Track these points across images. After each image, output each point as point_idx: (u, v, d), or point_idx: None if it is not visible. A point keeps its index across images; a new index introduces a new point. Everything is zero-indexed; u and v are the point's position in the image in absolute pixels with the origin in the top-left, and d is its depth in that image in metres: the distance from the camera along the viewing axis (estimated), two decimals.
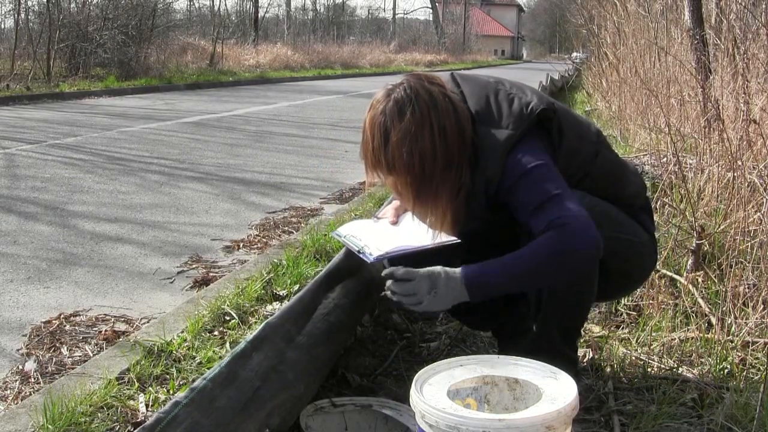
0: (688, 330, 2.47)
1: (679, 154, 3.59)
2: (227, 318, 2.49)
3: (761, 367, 2.23)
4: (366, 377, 2.23)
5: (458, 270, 1.72)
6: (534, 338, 1.91)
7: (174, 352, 2.21)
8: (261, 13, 29.53)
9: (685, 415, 1.94)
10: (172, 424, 1.36)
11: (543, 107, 1.79)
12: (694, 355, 2.33)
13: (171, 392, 1.97)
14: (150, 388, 1.98)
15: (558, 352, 1.85)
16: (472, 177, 1.78)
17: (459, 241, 1.87)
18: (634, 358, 2.32)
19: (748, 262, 2.63)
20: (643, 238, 1.98)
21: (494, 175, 1.76)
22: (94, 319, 2.79)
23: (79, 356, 2.44)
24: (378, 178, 1.80)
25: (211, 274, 3.37)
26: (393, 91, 1.75)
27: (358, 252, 2.03)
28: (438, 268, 1.73)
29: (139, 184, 5.38)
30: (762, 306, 2.46)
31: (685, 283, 2.73)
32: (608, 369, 2.26)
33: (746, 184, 2.91)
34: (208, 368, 2.08)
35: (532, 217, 1.70)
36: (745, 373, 2.19)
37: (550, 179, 1.73)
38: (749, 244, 2.71)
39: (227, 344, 2.27)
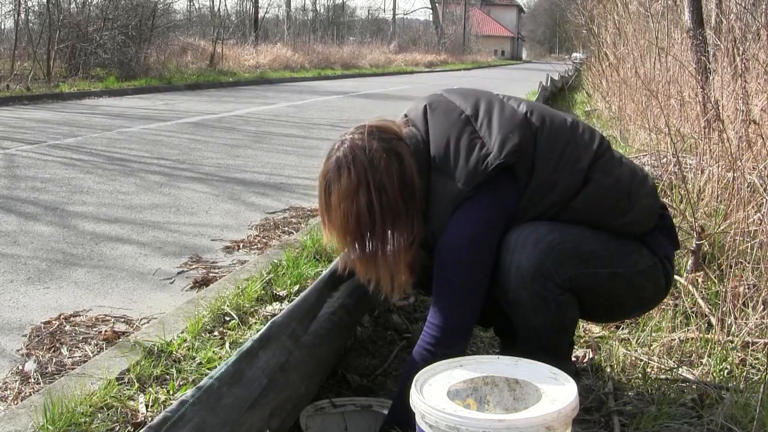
0: (688, 330, 2.47)
1: (679, 155, 3.59)
2: (227, 318, 2.49)
3: (761, 368, 2.23)
4: (366, 377, 2.23)
5: None
6: (521, 355, 1.91)
7: (174, 352, 2.21)
8: (261, 14, 29.51)
9: (685, 415, 1.94)
10: (179, 423, 1.36)
11: (500, 161, 1.72)
12: (694, 355, 2.33)
13: (171, 393, 1.97)
14: (150, 389, 1.98)
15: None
16: (424, 223, 1.79)
17: None
18: (634, 358, 2.33)
19: (748, 263, 2.64)
20: (639, 266, 1.86)
21: (439, 229, 1.77)
22: (94, 320, 2.79)
23: (79, 357, 2.44)
24: (331, 236, 1.80)
25: (211, 274, 3.37)
26: (338, 149, 1.76)
27: None
28: None
29: (139, 184, 5.38)
30: (762, 306, 2.46)
31: (685, 283, 2.74)
32: (608, 369, 2.26)
33: (746, 185, 2.91)
34: (208, 368, 2.08)
35: (433, 295, 1.79)
36: (745, 374, 2.19)
37: (464, 269, 1.75)
38: (749, 244, 2.71)
39: (227, 345, 2.27)
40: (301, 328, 1.84)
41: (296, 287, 2.75)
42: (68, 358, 2.43)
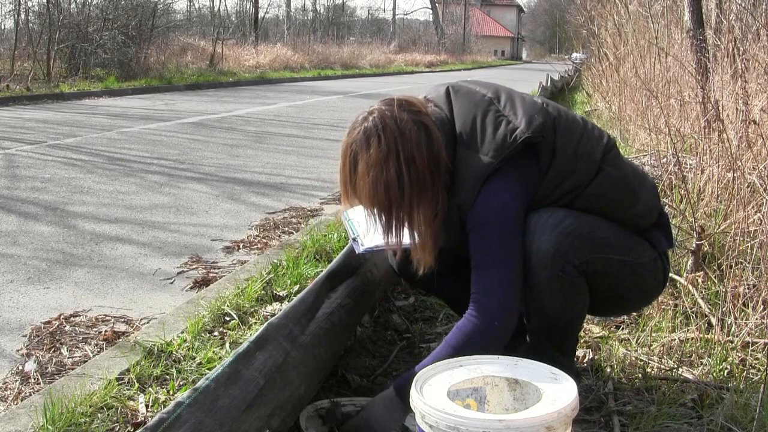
0: (688, 330, 2.47)
1: (679, 155, 3.60)
2: (227, 318, 2.49)
3: (761, 368, 2.23)
4: (366, 378, 2.23)
5: (389, 389, 1.81)
6: (528, 348, 1.92)
7: (174, 352, 2.21)
8: (261, 14, 29.53)
9: (685, 415, 1.95)
10: (175, 424, 1.36)
11: (528, 135, 1.74)
12: (694, 355, 2.33)
13: (171, 393, 1.97)
14: (150, 389, 1.98)
15: (553, 361, 1.85)
16: (449, 200, 1.79)
17: None
18: (634, 358, 2.33)
19: (748, 263, 2.64)
20: (643, 258, 1.90)
21: (466, 203, 1.77)
22: (94, 320, 2.79)
23: (79, 357, 2.44)
24: (351, 205, 1.81)
25: (211, 274, 3.37)
26: (366, 120, 1.75)
27: (353, 239, 2.05)
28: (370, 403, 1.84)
29: (139, 184, 5.39)
30: (762, 306, 2.46)
31: (685, 283, 2.74)
32: (608, 369, 2.26)
33: (746, 185, 2.91)
34: (208, 369, 2.09)
35: (473, 272, 1.78)
36: (745, 374, 2.19)
37: (503, 235, 1.75)
38: (749, 244, 2.71)
39: (227, 345, 2.27)
40: (299, 328, 1.84)
41: (296, 287, 2.75)
42: (68, 358, 2.43)
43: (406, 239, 1.81)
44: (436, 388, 1.45)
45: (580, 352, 2.38)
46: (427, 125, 1.76)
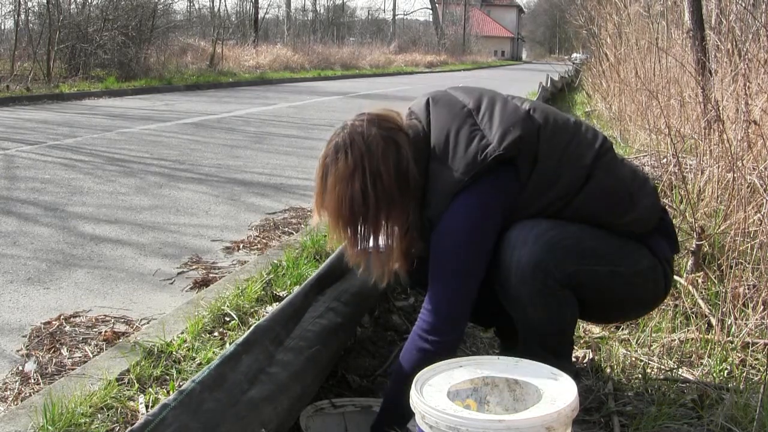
0: (688, 331, 2.47)
1: (679, 155, 3.60)
2: (227, 319, 2.49)
3: (761, 368, 2.23)
4: (366, 378, 2.23)
5: None
6: (521, 354, 1.91)
7: (174, 353, 2.21)
8: (261, 14, 29.54)
9: (685, 416, 1.95)
10: (160, 427, 1.36)
11: (499, 153, 1.72)
12: (694, 356, 2.33)
13: (171, 393, 1.97)
14: (150, 389, 1.98)
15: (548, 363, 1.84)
16: (420, 212, 1.80)
17: None
18: (633, 359, 2.33)
19: (748, 263, 2.64)
20: (640, 265, 1.85)
21: (435, 216, 1.77)
22: (93, 320, 2.79)
23: (79, 357, 2.44)
24: (321, 218, 1.82)
25: (210, 275, 3.37)
26: (338, 134, 1.79)
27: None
28: None
29: (139, 185, 5.38)
30: (762, 307, 2.46)
31: (685, 284, 2.74)
32: (608, 370, 2.26)
33: (746, 185, 2.91)
34: None
35: (429, 282, 1.79)
36: (745, 374, 2.19)
37: (458, 246, 1.75)
38: (749, 245, 2.71)
39: (227, 345, 2.26)
40: (285, 331, 1.85)
41: (296, 288, 2.75)
42: (68, 358, 2.43)
43: (380, 242, 1.83)
44: (436, 388, 1.45)
45: (580, 353, 2.38)
46: (397, 141, 1.77)
